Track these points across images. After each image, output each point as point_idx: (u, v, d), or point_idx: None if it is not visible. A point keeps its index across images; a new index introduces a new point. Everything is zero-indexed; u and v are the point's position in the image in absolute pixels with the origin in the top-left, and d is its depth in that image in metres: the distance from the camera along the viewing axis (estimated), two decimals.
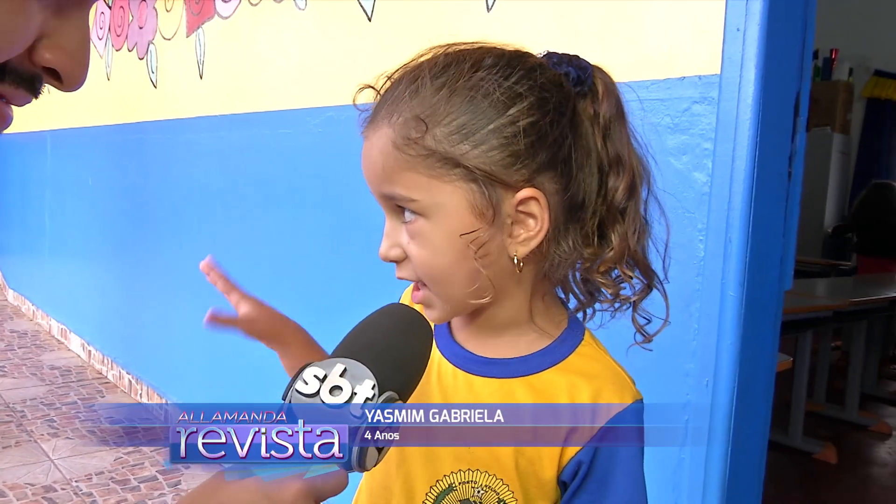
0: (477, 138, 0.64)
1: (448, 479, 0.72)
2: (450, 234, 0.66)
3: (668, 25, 1.40)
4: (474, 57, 0.67)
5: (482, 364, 0.73)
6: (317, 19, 2.38)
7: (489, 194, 0.65)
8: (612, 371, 0.73)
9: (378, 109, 0.69)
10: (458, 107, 0.65)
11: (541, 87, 0.67)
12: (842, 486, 3.16)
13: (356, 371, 0.56)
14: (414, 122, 0.65)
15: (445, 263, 0.67)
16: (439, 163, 0.65)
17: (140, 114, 3.62)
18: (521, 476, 0.70)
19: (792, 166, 1.39)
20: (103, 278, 4.17)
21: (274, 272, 2.64)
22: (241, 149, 2.80)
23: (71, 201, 4.61)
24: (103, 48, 4.04)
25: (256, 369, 2.68)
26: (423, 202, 0.66)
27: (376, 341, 0.61)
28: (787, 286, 1.43)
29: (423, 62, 0.68)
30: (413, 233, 0.67)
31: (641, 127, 1.44)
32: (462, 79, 0.66)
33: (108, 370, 4.00)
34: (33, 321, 5.23)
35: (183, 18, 3.16)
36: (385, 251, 0.70)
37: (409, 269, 0.69)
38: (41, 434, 3.15)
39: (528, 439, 0.68)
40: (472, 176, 0.65)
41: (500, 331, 0.73)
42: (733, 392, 1.32)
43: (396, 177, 0.66)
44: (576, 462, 0.69)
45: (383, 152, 0.66)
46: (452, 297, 0.69)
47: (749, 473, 1.42)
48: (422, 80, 0.66)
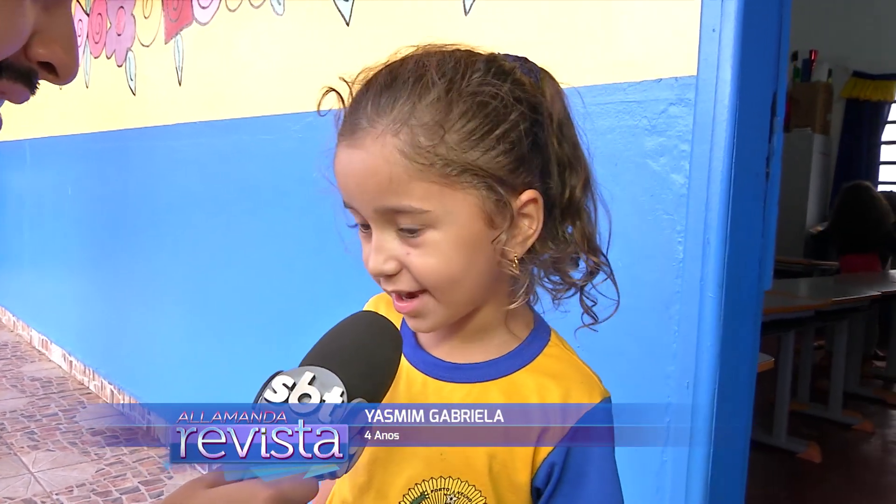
0: (486, 144, 0.64)
1: (420, 488, 0.72)
2: (459, 241, 0.65)
3: (643, 27, 1.40)
4: (466, 61, 0.66)
5: (451, 370, 0.73)
6: (295, 24, 2.37)
7: (499, 199, 0.65)
8: (580, 371, 0.74)
9: (366, 115, 0.65)
10: (465, 112, 0.64)
11: (528, 92, 0.68)
12: (826, 486, 3.17)
13: (325, 379, 0.56)
14: (425, 128, 0.63)
15: (455, 270, 0.66)
16: (454, 170, 0.63)
17: (119, 121, 3.59)
18: (494, 480, 0.70)
19: (770, 166, 1.40)
20: (84, 288, 4.13)
21: (257, 277, 2.63)
22: (222, 155, 2.78)
23: (50, 210, 4.56)
24: (81, 55, 4.00)
25: (240, 377, 2.67)
26: (435, 212, 0.64)
27: (345, 349, 0.61)
28: (766, 286, 1.43)
29: (411, 65, 0.66)
30: (417, 243, 0.65)
31: (619, 129, 1.45)
32: (464, 83, 0.65)
33: (90, 381, 3.96)
34: (13, 332, 5.17)
35: (161, 25, 3.14)
36: (380, 266, 0.67)
37: (405, 280, 0.67)
38: (21, 447, 3.11)
39: (500, 441, 0.69)
40: (483, 182, 0.65)
41: (472, 335, 0.73)
42: (714, 393, 1.32)
43: (405, 187, 0.63)
44: (548, 464, 0.69)
45: (389, 161, 0.63)
46: (456, 303, 0.69)
47: (732, 474, 1.42)
48: (423, 84, 0.64)
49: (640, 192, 1.40)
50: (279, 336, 2.44)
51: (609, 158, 1.45)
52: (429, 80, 0.64)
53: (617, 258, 1.44)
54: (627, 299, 1.42)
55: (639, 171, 1.41)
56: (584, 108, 0.79)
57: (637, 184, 1.41)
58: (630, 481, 1.42)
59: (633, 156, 1.41)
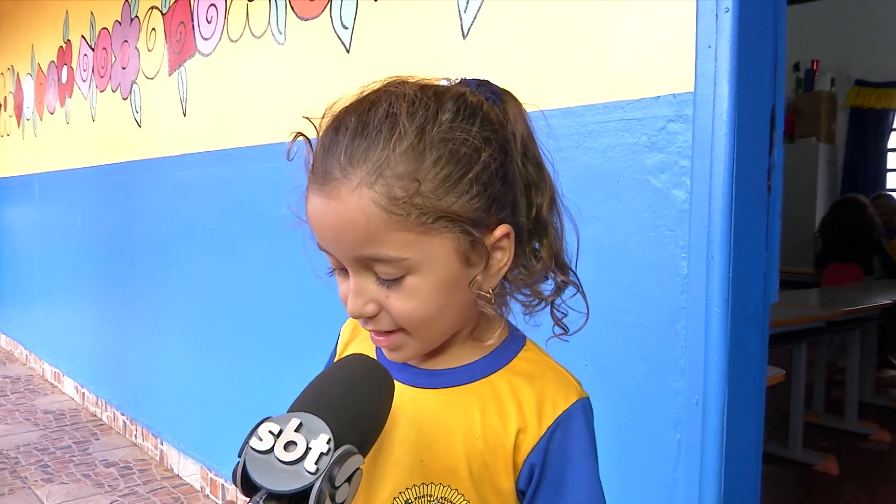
0: (460, 189, 0.65)
1: (404, 496, 0.73)
2: (437, 284, 0.66)
3: (640, 45, 1.41)
4: (436, 104, 0.66)
5: (427, 376, 0.74)
6: (296, 53, 2.40)
7: (474, 240, 0.66)
8: (556, 372, 0.75)
9: (339, 164, 0.64)
10: (438, 159, 0.64)
11: (496, 130, 0.69)
12: (844, 498, 3.14)
13: (312, 425, 0.55)
14: (399, 179, 0.63)
15: (433, 310, 0.67)
16: (430, 218, 0.64)
17: (125, 153, 3.63)
18: (476, 484, 0.71)
19: (771, 180, 1.40)
20: (95, 319, 4.15)
21: (264, 305, 2.63)
22: (227, 184, 2.80)
23: (59, 243, 4.60)
24: (87, 90, 4.05)
25: (249, 403, 2.67)
26: (413, 259, 0.64)
27: (334, 394, 0.61)
28: (772, 299, 1.42)
29: (381, 110, 0.65)
30: (396, 288, 0.66)
31: (619, 147, 1.46)
32: (435, 129, 0.64)
33: (103, 412, 3.97)
34: (26, 365, 5.19)
35: (165, 57, 3.18)
36: (359, 309, 0.67)
37: (384, 321, 0.68)
38: (35, 480, 3.11)
39: (479, 444, 0.70)
40: (458, 226, 0.65)
41: (445, 347, 0.74)
42: (724, 408, 1.32)
43: (383, 238, 0.63)
44: (529, 465, 0.70)
45: (366, 214, 0.62)
46: (433, 338, 0.71)
47: (745, 489, 1.41)
48: (396, 133, 0.63)
49: (642, 209, 1.40)
50: (286, 362, 2.44)
51: (610, 176, 1.46)
52: (400, 129, 0.63)
53: (621, 275, 1.45)
54: (632, 316, 1.43)
55: (640, 188, 1.41)
56: (548, 127, 0.80)
57: (639, 201, 1.41)
58: (643, 498, 1.42)
59: (634, 173, 1.42)
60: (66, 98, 4.40)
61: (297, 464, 0.54)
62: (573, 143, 1.52)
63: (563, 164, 1.55)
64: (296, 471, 0.53)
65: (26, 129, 5.12)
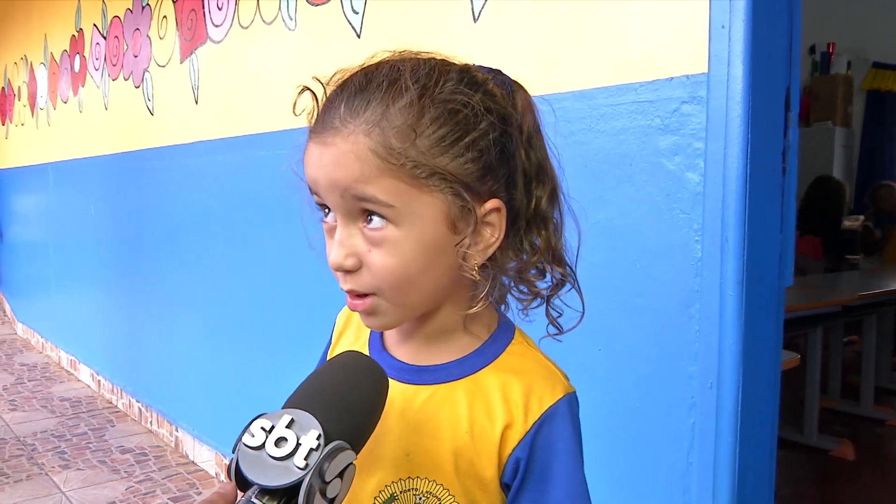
0: (455, 150, 0.65)
1: (389, 489, 0.73)
2: (419, 243, 0.66)
3: (652, 26, 1.39)
4: (440, 69, 0.67)
5: (415, 372, 0.75)
6: (307, 39, 2.39)
7: (464, 205, 0.66)
8: (542, 366, 0.74)
9: (339, 115, 0.66)
10: (437, 118, 0.65)
11: (499, 103, 0.70)
12: (860, 483, 3.12)
13: (303, 421, 0.56)
14: (396, 131, 0.64)
15: (413, 271, 0.67)
16: (423, 172, 0.64)
17: (138, 141, 3.64)
18: (461, 478, 0.71)
19: (786, 161, 1.38)
20: (109, 307, 4.18)
21: (276, 291, 2.64)
22: (239, 171, 2.80)
23: (74, 232, 4.62)
24: (100, 78, 4.06)
25: (264, 391, 2.68)
26: (399, 209, 0.65)
27: (327, 390, 0.61)
28: (787, 283, 1.41)
29: (385, 69, 0.67)
30: (378, 240, 0.66)
31: (632, 129, 1.45)
32: (437, 90, 0.65)
33: (118, 399, 4.00)
34: (42, 353, 5.24)
35: (176, 45, 3.18)
36: (341, 259, 0.67)
37: (363, 278, 0.68)
38: (52, 466, 3.14)
39: (465, 439, 0.70)
40: (450, 187, 0.66)
41: (435, 338, 0.75)
42: (738, 392, 1.31)
43: (375, 181, 0.64)
44: (514, 460, 0.70)
45: (360, 158, 0.64)
46: (409, 304, 0.70)
47: (760, 474, 1.40)
48: (396, 88, 0.65)
49: (656, 192, 1.39)
50: (299, 348, 2.44)
51: (623, 159, 1.44)
52: (402, 85, 0.65)
53: (634, 259, 1.44)
54: (646, 300, 1.42)
55: (653, 171, 1.40)
56: (556, 119, 0.79)
57: (652, 184, 1.40)
58: (657, 483, 1.41)
59: (648, 155, 1.40)
60: (78, 87, 4.41)
61: (287, 459, 0.55)
62: (585, 127, 1.50)
63: (576, 147, 1.54)
64: (286, 466, 0.54)
65: (40, 118, 5.14)
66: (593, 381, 1.39)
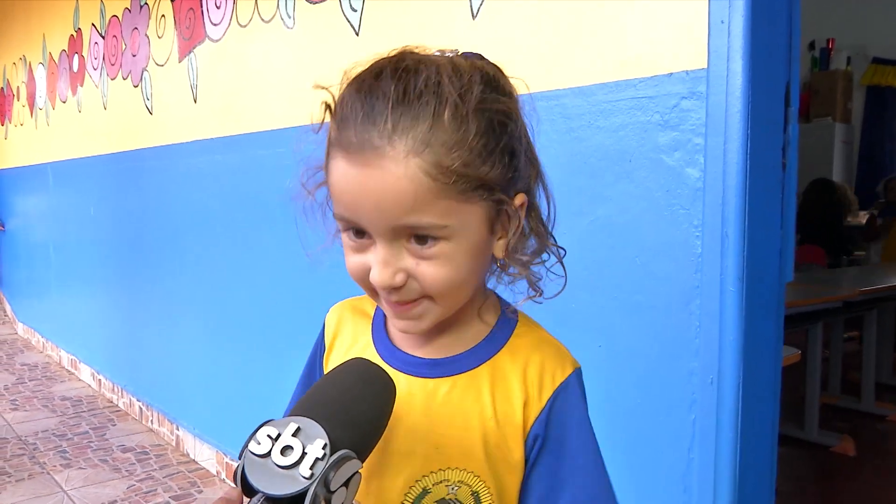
0: (494, 158, 0.66)
1: (421, 484, 0.74)
2: (469, 250, 0.67)
3: (651, 22, 1.39)
4: (467, 73, 0.66)
5: (432, 366, 0.75)
6: (306, 37, 2.38)
7: (500, 207, 0.68)
8: (551, 345, 0.77)
9: (383, 133, 0.62)
10: (479, 128, 0.64)
11: (515, 101, 0.71)
12: (860, 479, 3.12)
13: (309, 430, 0.56)
14: (448, 149, 0.62)
15: (464, 276, 0.68)
16: (470, 186, 0.64)
17: (137, 141, 3.63)
18: (491, 464, 0.73)
19: (786, 157, 1.38)
20: (110, 306, 4.18)
21: (275, 291, 2.64)
22: (238, 170, 2.80)
23: (74, 232, 4.62)
24: (99, 78, 4.06)
25: (264, 390, 2.68)
26: (452, 227, 0.65)
27: (334, 399, 0.61)
28: (787, 278, 1.41)
29: (422, 79, 0.63)
30: (431, 255, 0.66)
31: (631, 125, 1.44)
32: (472, 98, 0.64)
33: (119, 398, 4.00)
34: (43, 353, 5.24)
35: (175, 44, 3.18)
36: (390, 279, 0.66)
37: (411, 288, 0.67)
38: (54, 465, 3.14)
39: (492, 426, 0.72)
40: (493, 194, 0.67)
41: (448, 330, 0.75)
42: (739, 388, 1.31)
43: (429, 207, 0.63)
44: (532, 437, 0.73)
45: (414, 182, 0.62)
46: (453, 305, 0.71)
47: (761, 470, 1.40)
48: (441, 101, 0.63)
49: (656, 188, 1.39)
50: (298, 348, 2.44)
51: (622, 155, 1.44)
52: (447, 98, 0.63)
53: (634, 255, 1.43)
54: (646, 296, 1.42)
55: (653, 167, 1.39)
56: (560, 107, 0.79)
57: (652, 179, 1.40)
58: (657, 480, 1.41)
59: (647, 151, 1.40)
60: (77, 87, 4.41)
61: (292, 468, 0.54)
62: (584, 123, 1.50)
63: (575, 144, 1.54)
64: (291, 475, 0.54)
65: (39, 118, 5.14)
66: (593, 378, 1.39)
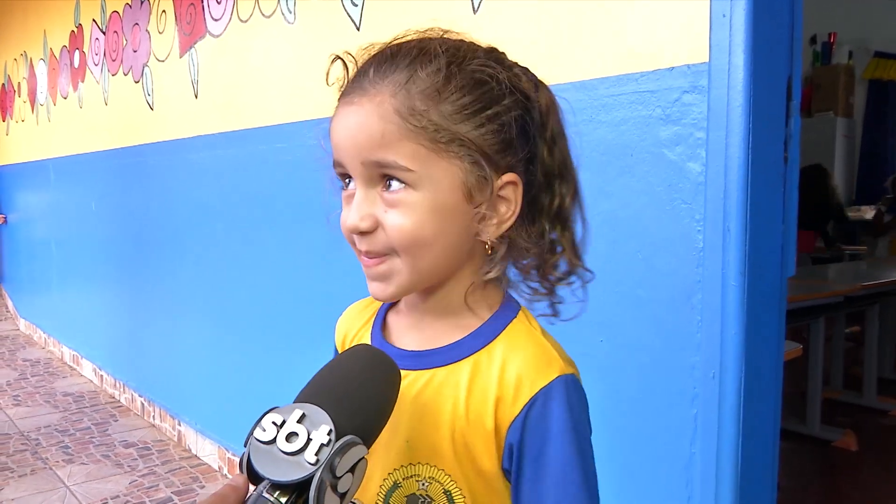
0: (477, 119, 0.67)
1: (392, 477, 0.73)
2: (434, 207, 0.67)
3: (653, 16, 1.38)
4: (469, 46, 0.71)
5: (414, 358, 0.74)
6: (306, 32, 2.38)
7: (481, 175, 0.68)
8: (539, 346, 0.72)
9: (367, 79, 0.68)
10: (462, 87, 0.67)
11: (524, 84, 0.72)
12: (863, 473, 3.12)
13: (314, 416, 0.56)
14: (421, 94, 0.66)
15: (427, 233, 0.68)
16: (443, 137, 0.66)
17: (138, 136, 3.63)
18: (460, 464, 0.71)
19: (788, 151, 1.38)
20: (112, 302, 4.18)
21: (277, 286, 2.64)
22: (239, 165, 2.80)
23: (76, 228, 4.62)
24: (100, 74, 4.05)
25: (266, 385, 2.68)
26: (418, 173, 0.66)
27: (339, 385, 0.61)
28: (790, 273, 1.41)
29: (415, 40, 0.70)
30: (396, 202, 0.67)
31: (633, 120, 1.44)
32: (465, 62, 0.68)
33: (121, 394, 4.01)
34: (45, 349, 5.25)
35: (175, 39, 3.17)
36: (357, 221, 0.68)
37: (378, 238, 0.68)
38: (56, 461, 3.15)
39: (462, 425, 0.70)
40: (468, 155, 0.67)
41: (437, 319, 0.75)
42: (741, 382, 1.31)
43: (396, 145, 0.66)
44: (508, 446, 0.69)
45: (384, 119, 0.66)
46: (421, 269, 0.70)
47: (762, 464, 1.40)
48: (425, 55, 0.67)
49: (657, 183, 1.39)
50: (300, 343, 2.44)
51: (624, 150, 1.44)
52: (431, 53, 0.68)
53: (636, 249, 1.43)
54: (648, 291, 1.41)
55: (655, 162, 1.39)
56: (574, 116, 0.80)
57: (653, 174, 1.39)
58: (659, 474, 1.41)
59: (649, 146, 1.40)
60: (78, 82, 4.40)
61: (298, 454, 0.55)
62: (586, 118, 1.50)
63: (576, 138, 1.53)
64: (297, 461, 0.54)
65: (40, 114, 5.13)
66: (595, 372, 1.39)
